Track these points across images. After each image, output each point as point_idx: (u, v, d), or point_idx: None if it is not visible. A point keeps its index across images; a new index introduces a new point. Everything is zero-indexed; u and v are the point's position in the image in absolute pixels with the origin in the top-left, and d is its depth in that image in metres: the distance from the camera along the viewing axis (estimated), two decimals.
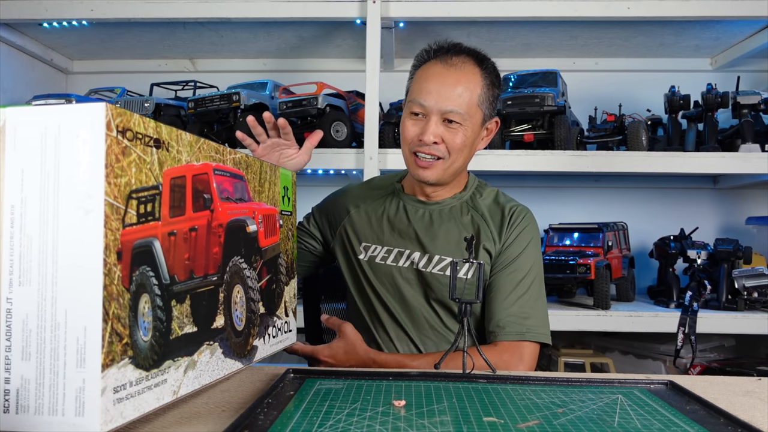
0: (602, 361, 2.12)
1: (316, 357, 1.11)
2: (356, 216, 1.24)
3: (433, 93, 1.08)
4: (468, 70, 1.11)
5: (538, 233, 1.20)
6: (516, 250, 1.14)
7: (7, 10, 1.99)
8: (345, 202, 1.28)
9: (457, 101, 1.08)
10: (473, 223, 1.17)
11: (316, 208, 1.36)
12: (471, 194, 1.21)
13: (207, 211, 0.72)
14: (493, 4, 1.92)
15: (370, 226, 1.22)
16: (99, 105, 0.54)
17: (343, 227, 1.25)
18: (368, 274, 1.19)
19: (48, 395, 0.53)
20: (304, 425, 0.61)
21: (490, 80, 1.13)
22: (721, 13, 1.89)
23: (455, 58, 1.11)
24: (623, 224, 2.15)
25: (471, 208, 1.19)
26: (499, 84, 1.17)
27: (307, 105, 1.94)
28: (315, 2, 1.95)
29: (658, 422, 0.63)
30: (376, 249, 1.20)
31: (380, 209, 1.23)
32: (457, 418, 0.64)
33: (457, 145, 1.10)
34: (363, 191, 1.29)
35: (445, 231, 1.16)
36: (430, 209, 1.19)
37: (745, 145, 1.92)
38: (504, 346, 1.09)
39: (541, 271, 1.18)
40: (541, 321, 1.12)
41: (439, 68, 1.10)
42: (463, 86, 1.09)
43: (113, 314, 0.55)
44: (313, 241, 1.32)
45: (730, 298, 1.90)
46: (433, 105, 1.08)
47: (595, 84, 2.43)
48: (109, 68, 2.54)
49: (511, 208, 1.18)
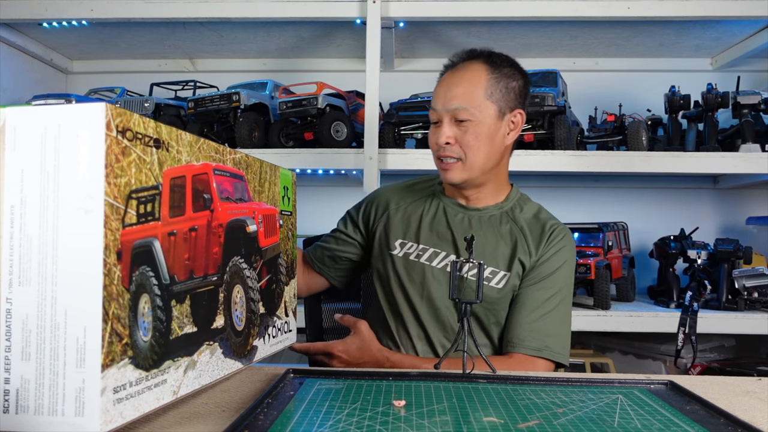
0: (602, 361, 2.12)
1: (329, 352, 1.11)
2: (395, 213, 1.25)
3: (440, 96, 1.13)
4: (471, 67, 1.13)
5: (574, 256, 1.19)
6: (549, 268, 1.14)
7: (7, 10, 1.99)
8: (386, 197, 1.29)
9: (461, 98, 1.10)
10: (511, 234, 1.17)
11: (354, 208, 1.34)
12: (512, 206, 1.21)
13: (207, 211, 0.72)
14: (493, 4, 1.92)
15: (408, 224, 1.23)
16: (99, 105, 0.54)
17: (382, 221, 1.26)
18: (399, 271, 1.19)
19: (48, 395, 0.53)
20: (304, 425, 0.61)
21: (500, 72, 1.13)
22: (721, 13, 1.89)
23: (463, 63, 1.16)
24: (623, 224, 2.15)
25: (510, 220, 1.19)
26: (518, 75, 1.16)
27: (307, 105, 1.94)
28: (315, 2, 1.95)
29: (658, 422, 0.63)
30: (412, 246, 1.20)
31: (419, 209, 1.24)
32: (457, 418, 0.64)
33: (470, 143, 1.11)
34: (403, 190, 1.30)
35: (483, 238, 1.17)
36: (470, 214, 1.20)
37: (745, 145, 1.92)
38: (519, 358, 1.09)
39: (570, 293, 1.18)
40: (561, 342, 1.11)
41: (448, 75, 1.16)
42: (467, 83, 1.11)
43: (113, 314, 0.55)
44: (354, 248, 1.31)
45: (731, 298, 1.90)
46: (441, 107, 1.13)
47: (595, 84, 2.43)
48: (109, 68, 2.54)
49: (551, 226, 1.18)
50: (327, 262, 1.32)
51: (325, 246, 1.33)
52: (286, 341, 0.98)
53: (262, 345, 0.87)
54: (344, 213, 1.36)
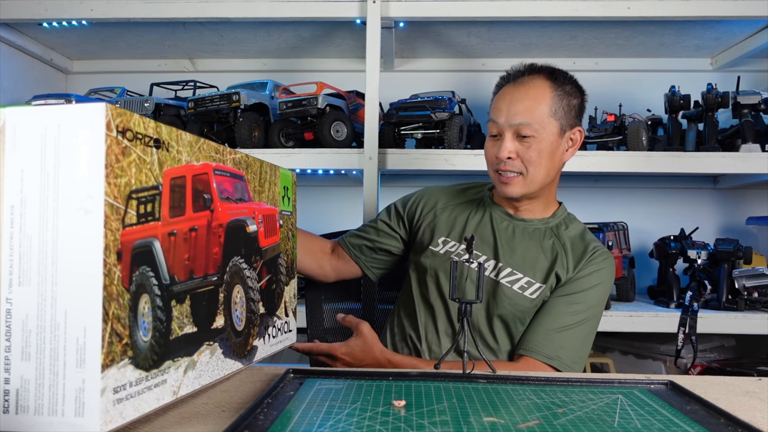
0: (602, 361, 2.12)
1: (332, 354, 1.12)
2: (441, 212, 1.27)
3: (503, 110, 1.14)
4: (536, 84, 1.14)
5: (611, 282, 1.20)
6: (583, 285, 1.15)
7: (7, 10, 1.99)
8: (436, 196, 1.31)
9: (525, 114, 1.11)
10: (553, 249, 1.18)
11: (400, 202, 1.35)
12: (557, 223, 1.23)
13: (207, 211, 0.72)
14: (493, 4, 1.92)
15: (454, 224, 1.24)
16: (99, 105, 0.54)
17: (428, 218, 1.27)
18: (437, 266, 1.20)
19: (48, 395, 0.53)
20: (304, 425, 0.61)
21: (563, 90, 1.15)
22: (722, 13, 1.89)
23: (525, 77, 1.16)
24: (623, 224, 2.14)
25: (554, 236, 1.20)
26: (579, 93, 1.19)
27: (307, 105, 1.93)
28: (315, 2, 1.95)
29: (658, 422, 0.63)
30: (454, 246, 1.21)
31: (467, 211, 1.26)
32: (457, 418, 0.64)
33: (532, 159, 1.12)
34: (452, 192, 1.32)
35: (525, 248, 1.18)
36: (515, 224, 1.21)
37: (745, 145, 1.92)
38: (528, 363, 1.10)
39: (598, 316, 1.18)
40: (575, 357, 1.12)
41: (510, 88, 1.16)
42: (531, 99, 1.12)
43: (113, 314, 0.55)
44: (395, 241, 1.32)
45: (731, 298, 1.90)
46: (503, 121, 1.13)
47: (595, 84, 2.42)
48: (109, 68, 2.54)
49: (595, 248, 1.19)
50: (365, 251, 1.34)
51: (363, 235, 1.34)
52: (286, 341, 0.98)
53: (262, 345, 0.87)
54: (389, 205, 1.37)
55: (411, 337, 1.21)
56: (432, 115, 1.94)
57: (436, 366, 0.83)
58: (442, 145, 1.99)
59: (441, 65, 2.47)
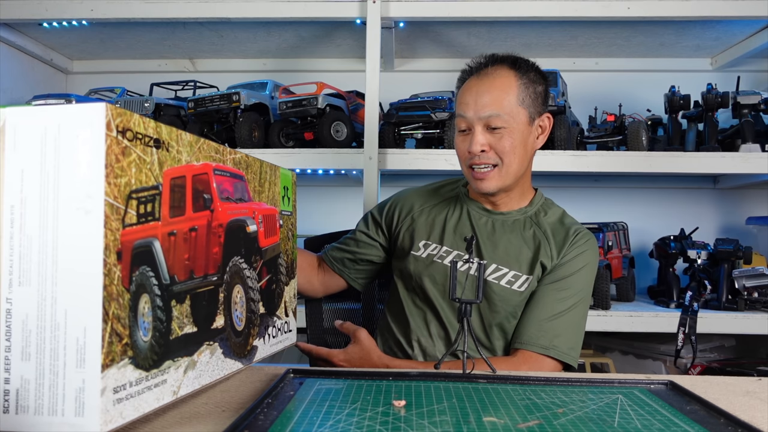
0: (602, 361, 2.12)
1: (330, 361, 1.12)
2: (419, 215, 1.26)
3: (471, 104, 1.12)
4: (500, 74, 1.13)
5: (596, 262, 1.19)
6: (568, 270, 1.14)
7: (7, 10, 1.99)
8: (411, 200, 1.29)
9: (494, 105, 1.10)
10: (534, 238, 1.17)
11: (376, 210, 1.34)
12: (536, 211, 1.22)
13: (207, 211, 0.72)
14: (493, 4, 1.92)
15: (433, 227, 1.23)
16: (99, 105, 0.54)
17: (406, 223, 1.26)
18: (422, 271, 1.19)
19: (48, 395, 0.53)
20: (304, 425, 0.61)
21: (527, 78, 1.14)
22: (721, 13, 1.89)
23: (489, 68, 1.14)
24: (623, 224, 2.15)
25: (534, 224, 1.19)
26: (543, 79, 1.17)
27: (307, 105, 1.94)
28: (315, 2, 1.95)
29: (658, 422, 0.63)
30: (436, 248, 1.20)
31: (444, 212, 1.24)
32: (457, 418, 0.64)
33: (506, 149, 1.11)
34: (427, 194, 1.30)
35: (506, 242, 1.17)
36: (494, 218, 1.20)
37: (745, 145, 1.92)
38: (525, 356, 1.09)
39: (587, 298, 1.17)
40: (571, 343, 1.11)
41: (474, 81, 1.14)
42: (498, 90, 1.11)
43: (113, 314, 0.55)
44: (375, 250, 1.31)
45: (731, 298, 1.90)
46: (472, 115, 1.12)
47: (595, 84, 2.43)
48: (109, 68, 2.54)
49: (576, 230, 1.18)
50: (347, 264, 1.32)
51: (344, 248, 1.33)
52: (286, 341, 0.98)
53: (262, 345, 0.87)
54: (365, 213, 1.35)
55: (401, 343, 1.20)
56: (432, 115, 1.94)
57: (436, 366, 0.83)
58: (442, 145, 1.99)
59: (441, 65, 2.47)
